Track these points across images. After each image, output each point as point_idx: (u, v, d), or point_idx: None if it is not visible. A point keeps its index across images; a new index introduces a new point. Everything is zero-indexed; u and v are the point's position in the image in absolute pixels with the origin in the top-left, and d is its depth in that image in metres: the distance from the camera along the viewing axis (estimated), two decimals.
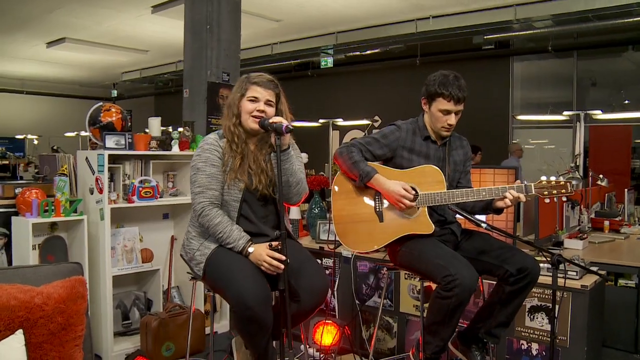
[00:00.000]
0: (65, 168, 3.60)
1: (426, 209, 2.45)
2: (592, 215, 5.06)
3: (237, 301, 2.11)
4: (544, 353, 2.97)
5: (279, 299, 2.39)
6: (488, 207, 2.47)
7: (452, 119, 2.47)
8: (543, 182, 2.32)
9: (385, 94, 9.91)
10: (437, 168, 2.48)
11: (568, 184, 2.29)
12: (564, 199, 4.02)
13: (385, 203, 2.54)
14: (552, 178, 2.31)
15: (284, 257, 2.14)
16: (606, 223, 4.93)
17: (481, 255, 2.40)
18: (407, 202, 2.43)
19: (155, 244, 4.07)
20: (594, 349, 3.06)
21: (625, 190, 5.47)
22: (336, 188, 2.64)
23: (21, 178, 7.69)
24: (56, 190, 3.46)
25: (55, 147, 10.73)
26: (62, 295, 2.13)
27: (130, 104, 12.83)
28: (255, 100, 2.32)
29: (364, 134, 8.59)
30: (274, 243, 2.21)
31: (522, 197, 2.33)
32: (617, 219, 5.03)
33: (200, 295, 4.10)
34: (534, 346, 3.00)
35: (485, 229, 2.28)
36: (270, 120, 2.23)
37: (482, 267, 2.37)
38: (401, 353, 3.49)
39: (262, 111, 2.31)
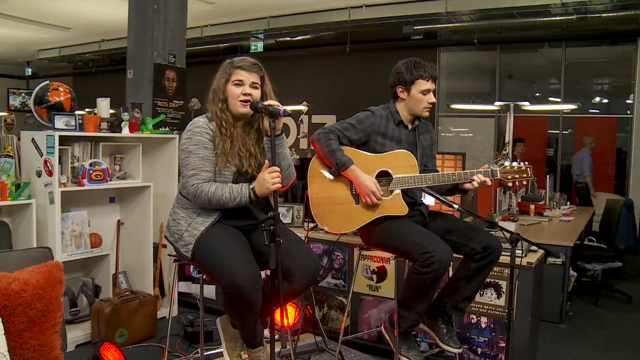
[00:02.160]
0: (10, 149, 3.41)
1: (400, 192, 2.57)
2: (519, 200, 5.44)
3: (229, 283, 2.12)
4: (492, 326, 3.21)
5: (267, 279, 2.43)
6: (455, 188, 2.63)
7: (432, 97, 2.61)
8: (507, 167, 2.50)
9: (315, 80, 10.00)
10: (410, 153, 2.61)
11: (529, 169, 2.49)
12: (525, 182, 4.30)
13: None
14: (515, 164, 2.50)
15: (278, 168, 2.18)
16: (532, 207, 5.33)
17: (448, 235, 2.56)
18: (374, 199, 2.54)
19: (102, 228, 3.96)
20: (535, 321, 3.34)
21: (547, 176, 5.91)
22: (312, 171, 2.70)
23: None
24: (1, 172, 3.29)
25: None
26: (40, 281, 2.06)
27: None
28: (240, 84, 2.32)
29: (299, 120, 8.66)
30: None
31: (488, 180, 2.50)
32: (540, 203, 5.45)
33: (150, 279, 4.04)
34: (483, 320, 3.23)
35: (457, 209, 2.43)
36: (266, 103, 2.24)
37: (449, 245, 2.51)
38: (354, 332, 3.62)
39: (249, 94, 2.32)
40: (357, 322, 3.66)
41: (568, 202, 6.12)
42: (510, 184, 2.49)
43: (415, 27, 8.25)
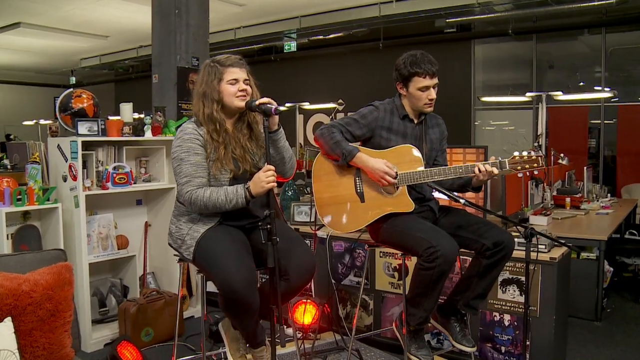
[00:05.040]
0: (37, 156, 3.54)
1: (406, 188, 2.53)
2: (554, 193, 5.27)
3: (223, 284, 2.14)
4: (516, 323, 3.11)
5: (267, 278, 2.43)
6: (466, 185, 2.57)
7: (432, 94, 2.54)
8: (516, 158, 2.41)
9: (349, 78, 9.97)
10: (414, 147, 2.56)
11: (539, 158, 2.39)
12: (536, 172, 4.17)
13: (366, 183, 2.60)
14: (524, 153, 2.41)
15: (272, 167, 2.19)
16: (567, 200, 5.14)
17: (459, 230, 2.50)
18: (389, 178, 2.50)
19: (129, 230, 4.05)
20: (561, 318, 3.23)
21: (584, 168, 5.70)
22: (316, 170, 2.69)
23: None
24: (28, 178, 3.41)
25: (11, 136, 10.46)
26: (49, 282, 2.13)
27: (90, 91, 12.26)
28: (235, 82, 2.34)
29: (330, 117, 8.65)
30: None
31: (495, 170, 2.42)
32: (577, 195, 5.26)
33: (177, 280, 4.12)
34: (506, 317, 3.14)
35: (464, 204, 2.37)
36: (257, 102, 2.25)
37: (460, 241, 2.45)
38: (378, 329, 3.58)
39: (244, 90, 2.34)
40: (380, 320, 3.63)
41: (609, 195, 5.88)
42: (521, 174, 2.40)
43: (447, 20, 8.12)
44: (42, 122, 10.26)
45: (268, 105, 2.21)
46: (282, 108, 2.27)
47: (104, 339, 3.64)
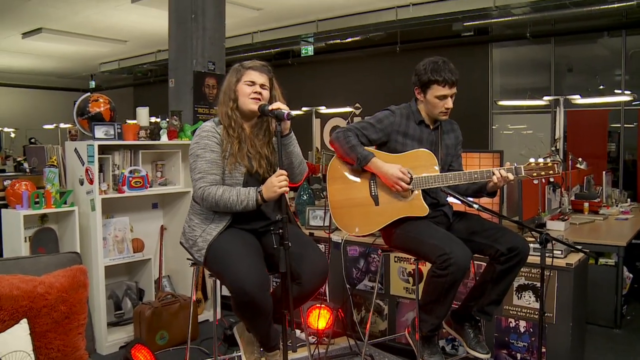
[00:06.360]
0: (55, 159, 3.59)
1: (420, 192, 2.51)
2: (572, 198, 5.20)
3: (235, 287, 2.15)
4: (532, 330, 3.07)
5: (280, 282, 2.44)
6: (481, 190, 2.55)
7: (449, 103, 2.54)
8: (532, 164, 2.40)
9: (366, 81, 9.96)
10: (430, 152, 2.55)
11: (555, 165, 2.37)
12: (551, 179, 4.12)
13: (380, 186, 2.60)
14: (541, 160, 2.39)
15: (285, 172, 2.21)
16: (586, 205, 5.07)
17: (473, 236, 2.48)
18: (404, 184, 2.49)
19: (145, 233, 4.08)
20: (579, 324, 3.18)
21: (603, 172, 5.62)
22: (331, 173, 2.69)
23: (1, 171, 7.58)
24: (46, 181, 3.45)
25: (33, 140, 10.62)
26: (64, 285, 2.15)
27: (109, 95, 12.27)
28: (252, 84, 2.37)
29: (346, 121, 8.64)
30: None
31: (510, 176, 2.40)
32: (596, 200, 5.18)
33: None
34: (522, 323, 3.10)
35: (477, 209, 2.35)
36: (270, 107, 2.27)
37: (474, 247, 2.44)
38: (392, 334, 3.56)
39: (259, 93, 2.36)
40: (394, 325, 3.61)
41: (628, 200, 5.79)
42: (535, 181, 2.38)
43: (465, 24, 8.07)
44: (62, 125, 10.41)
45: (281, 110, 2.23)
46: (294, 113, 2.28)
47: (119, 341, 3.67)
